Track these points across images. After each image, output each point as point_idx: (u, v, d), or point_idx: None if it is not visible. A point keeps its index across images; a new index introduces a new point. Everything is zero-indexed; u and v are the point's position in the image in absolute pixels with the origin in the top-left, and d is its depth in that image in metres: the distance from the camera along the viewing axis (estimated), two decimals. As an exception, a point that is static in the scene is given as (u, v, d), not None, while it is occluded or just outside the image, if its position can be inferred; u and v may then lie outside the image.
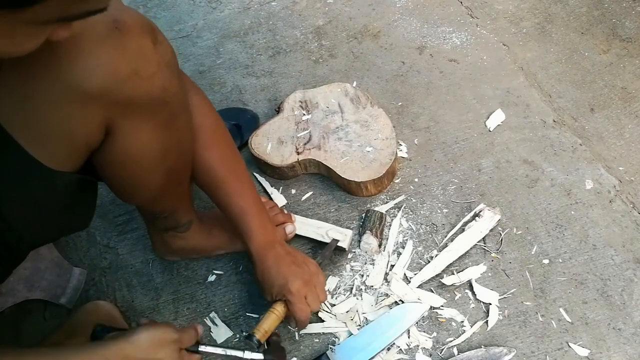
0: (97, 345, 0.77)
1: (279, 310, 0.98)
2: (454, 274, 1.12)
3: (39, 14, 0.47)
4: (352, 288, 1.11)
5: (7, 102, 0.67)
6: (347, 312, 1.09)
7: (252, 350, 0.92)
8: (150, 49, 0.72)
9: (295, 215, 1.19)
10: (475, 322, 1.06)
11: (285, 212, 1.19)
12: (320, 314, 1.09)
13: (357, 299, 1.10)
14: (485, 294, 1.09)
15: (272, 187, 1.28)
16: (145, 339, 0.78)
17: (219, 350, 0.89)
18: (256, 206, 1.00)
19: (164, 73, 0.75)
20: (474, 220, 1.17)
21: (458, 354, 1.02)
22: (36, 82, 0.67)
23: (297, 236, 1.17)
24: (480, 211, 1.18)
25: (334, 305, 1.10)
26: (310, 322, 1.08)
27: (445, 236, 1.17)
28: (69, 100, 0.68)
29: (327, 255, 1.11)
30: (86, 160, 0.79)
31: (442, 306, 1.08)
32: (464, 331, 1.05)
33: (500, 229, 1.17)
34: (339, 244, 1.13)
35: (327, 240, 1.14)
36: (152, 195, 0.93)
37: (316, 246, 1.17)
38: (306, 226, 1.17)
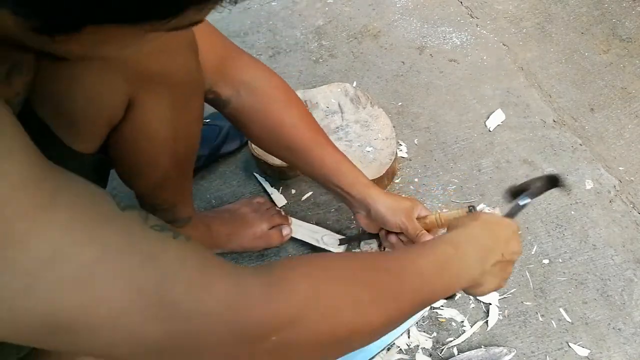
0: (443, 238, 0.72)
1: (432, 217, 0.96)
2: (454, 274, 1.12)
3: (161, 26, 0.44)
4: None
5: (39, 84, 0.67)
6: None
7: None
8: None
9: (292, 218, 1.19)
10: (475, 322, 1.06)
11: (283, 213, 1.19)
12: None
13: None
14: (485, 294, 1.09)
15: (272, 187, 1.28)
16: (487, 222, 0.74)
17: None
18: (347, 158, 0.99)
19: (187, 52, 0.76)
20: (474, 220, 1.17)
21: (458, 354, 1.02)
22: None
23: (292, 239, 1.17)
24: (480, 211, 1.18)
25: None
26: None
27: (445, 236, 1.17)
28: (98, 72, 0.69)
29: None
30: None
31: (442, 306, 1.08)
32: (464, 331, 1.05)
33: (500, 229, 1.17)
34: (331, 248, 1.13)
35: (322, 245, 1.14)
36: (156, 180, 0.93)
37: (313, 251, 1.17)
38: (302, 229, 1.18)
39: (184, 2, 0.40)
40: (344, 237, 1.16)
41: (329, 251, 1.13)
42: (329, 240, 1.14)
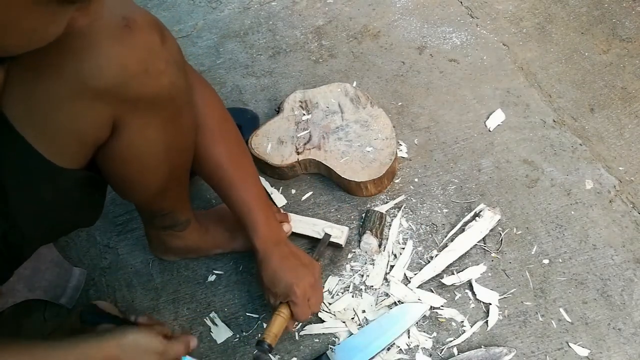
0: (80, 341, 0.76)
1: (285, 312, 0.97)
2: (454, 274, 1.12)
3: None
4: (349, 287, 1.12)
5: (18, 100, 0.67)
6: (344, 309, 1.09)
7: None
8: (159, 47, 0.73)
9: (291, 214, 1.19)
10: (475, 322, 1.06)
11: (282, 211, 1.19)
12: (320, 315, 1.09)
13: (353, 296, 1.10)
14: (485, 294, 1.09)
15: (272, 187, 1.28)
16: (131, 343, 0.78)
17: None
18: (261, 201, 0.99)
19: (172, 70, 0.76)
20: (474, 220, 1.17)
21: (458, 354, 1.02)
22: (46, 80, 0.67)
23: (294, 234, 1.17)
24: (480, 211, 1.18)
25: (331, 304, 1.10)
26: (310, 323, 1.08)
27: (445, 236, 1.17)
28: (79, 98, 0.69)
29: (322, 250, 1.12)
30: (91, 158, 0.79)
31: (442, 306, 1.08)
32: (464, 331, 1.05)
33: (500, 229, 1.17)
34: (335, 240, 1.14)
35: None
36: (153, 193, 0.93)
37: (315, 244, 1.17)
38: (302, 224, 1.18)
39: None
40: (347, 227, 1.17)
41: (332, 242, 1.14)
42: (330, 231, 1.14)
